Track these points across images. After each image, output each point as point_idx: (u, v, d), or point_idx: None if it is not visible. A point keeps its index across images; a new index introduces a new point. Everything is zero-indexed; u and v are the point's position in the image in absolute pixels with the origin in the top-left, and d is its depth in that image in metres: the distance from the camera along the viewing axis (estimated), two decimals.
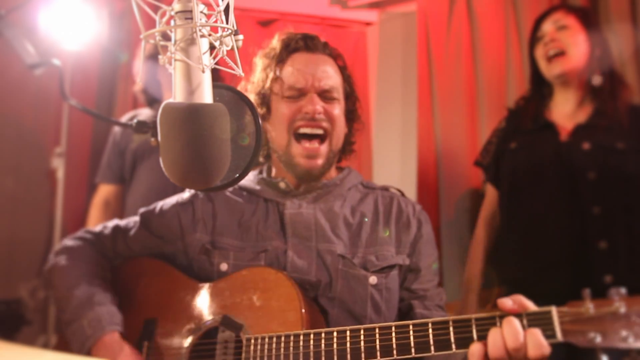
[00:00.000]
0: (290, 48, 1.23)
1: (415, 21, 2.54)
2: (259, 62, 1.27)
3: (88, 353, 1.11)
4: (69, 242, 1.29)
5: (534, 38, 1.80)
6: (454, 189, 2.32)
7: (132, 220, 1.30)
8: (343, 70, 1.28)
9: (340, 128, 1.24)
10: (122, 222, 1.31)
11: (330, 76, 1.22)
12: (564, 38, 1.72)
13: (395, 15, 2.75)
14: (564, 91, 1.76)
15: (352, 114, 1.29)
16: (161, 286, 1.21)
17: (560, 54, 1.71)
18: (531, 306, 0.87)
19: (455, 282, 2.24)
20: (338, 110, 1.23)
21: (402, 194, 1.30)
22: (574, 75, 1.72)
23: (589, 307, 0.83)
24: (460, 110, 2.39)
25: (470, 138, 2.36)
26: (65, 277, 1.22)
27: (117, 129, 2.25)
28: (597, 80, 1.71)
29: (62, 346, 1.21)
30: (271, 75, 1.22)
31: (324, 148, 1.19)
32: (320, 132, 1.19)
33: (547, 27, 1.76)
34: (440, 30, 2.47)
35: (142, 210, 1.30)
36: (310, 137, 1.19)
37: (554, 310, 0.85)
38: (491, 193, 1.91)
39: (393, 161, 2.65)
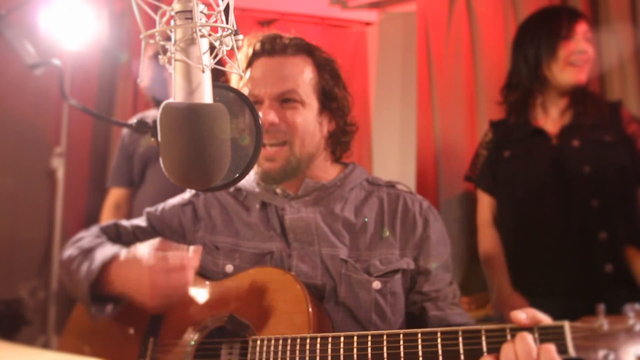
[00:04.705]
0: (252, 54, 1.20)
1: (415, 21, 2.54)
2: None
3: (96, 280, 1.10)
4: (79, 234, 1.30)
5: (560, 34, 1.71)
6: (453, 189, 2.33)
7: (138, 219, 1.32)
8: (321, 65, 1.21)
9: (307, 131, 1.17)
10: (127, 221, 1.33)
11: (288, 78, 1.16)
12: (590, 51, 1.72)
13: (395, 15, 2.75)
14: (559, 97, 1.77)
15: (335, 111, 1.23)
16: None
17: (584, 64, 1.72)
18: (544, 319, 0.85)
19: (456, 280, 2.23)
20: (305, 112, 1.17)
21: (410, 191, 1.26)
22: (580, 87, 1.74)
23: (603, 322, 0.80)
24: (459, 110, 2.39)
25: (469, 138, 2.36)
26: (75, 245, 1.22)
27: (125, 132, 2.25)
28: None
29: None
30: (241, 82, 1.21)
31: (283, 152, 1.16)
32: (276, 141, 1.15)
33: (580, 33, 1.71)
34: (440, 30, 2.47)
35: (147, 209, 1.32)
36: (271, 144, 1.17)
37: (566, 325, 0.82)
38: (486, 198, 1.90)
39: (392, 161, 2.65)
